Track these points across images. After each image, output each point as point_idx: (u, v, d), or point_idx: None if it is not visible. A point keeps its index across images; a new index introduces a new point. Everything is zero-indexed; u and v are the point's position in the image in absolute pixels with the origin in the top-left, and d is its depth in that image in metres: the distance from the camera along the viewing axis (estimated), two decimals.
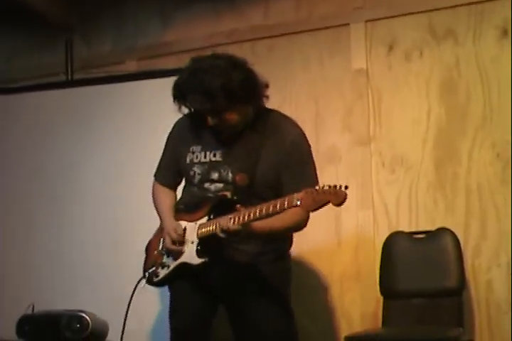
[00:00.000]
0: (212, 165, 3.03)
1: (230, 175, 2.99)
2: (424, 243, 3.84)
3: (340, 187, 2.57)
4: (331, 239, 4.16)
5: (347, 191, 2.57)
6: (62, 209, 4.48)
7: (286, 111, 4.19)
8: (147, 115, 4.42)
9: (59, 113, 4.63)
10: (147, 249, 3.23)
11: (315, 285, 4.16)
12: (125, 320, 3.09)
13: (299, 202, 2.60)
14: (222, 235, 2.81)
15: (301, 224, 3.02)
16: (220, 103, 2.86)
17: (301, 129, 3.07)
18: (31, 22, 5.00)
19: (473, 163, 3.92)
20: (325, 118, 4.26)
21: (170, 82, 4.47)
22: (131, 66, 4.81)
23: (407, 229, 3.95)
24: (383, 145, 4.12)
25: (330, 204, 2.58)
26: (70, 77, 4.80)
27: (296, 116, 3.16)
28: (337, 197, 2.56)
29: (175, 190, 3.28)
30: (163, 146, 4.10)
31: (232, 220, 2.77)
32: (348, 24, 4.24)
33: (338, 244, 4.15)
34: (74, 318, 3.90)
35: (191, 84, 2.88)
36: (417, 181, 4.03)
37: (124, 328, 3.11)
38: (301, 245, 4.18)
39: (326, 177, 4.18)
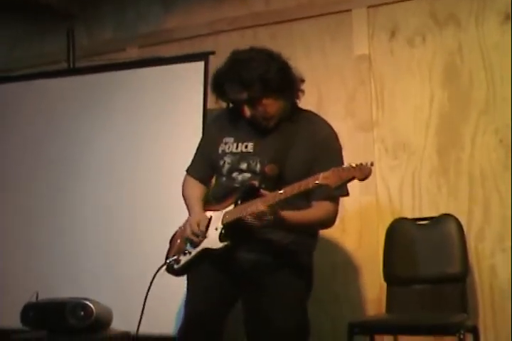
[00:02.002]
0: (243, 156, 3.07)
1: (259, 165, 3.03)
2: (427, 229, 3.84)
3: (366, 164, 2.68)
4: (334, 225, 4.15)
5: (372, 167, 2.67)
6: (64, 197, 4.49)
7: None
8: (149, 102, 4.42)
9: (61, 101, 4.63)
10: (172, 240, 3.23)
11: (318, 271, 4.15)
12: (143, 309, 3.08)
13: (323, 180, 2.69)
14: (248, 218, 2.82)
15: (330, 218, 3.07)
16: (256, 92, 2.93)
17: (333, 129, 3.14)
18: (33, 10, 5.00)
19: (476, 148, 3.91)
20: (327, 105, 4.24)
21: (171, 69, 4.50)
22: (133, 53, 4.81)
23: (410, 215, 3.95)
24: (386, 131, 4.12)
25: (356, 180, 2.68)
26: (71, 65, 4.80)
27: (299, 102, 3.15)
28: (362, 172, 2.67)
29: (206, 184, 3.30)
30: (165, 133, 4.12)
31: (258, 203, 2.81)
32: (350, 10, 4.23)
33: (342, 231, 4.15)
34: (78, 306, 3.91)
35: (229, 75, 2.96)
36: (420, 167, 4.02)
37: (141, 318, 3.10)
38: None
39: None
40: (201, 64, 4.28)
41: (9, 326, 4.20)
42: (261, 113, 3.00)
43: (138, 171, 4.35)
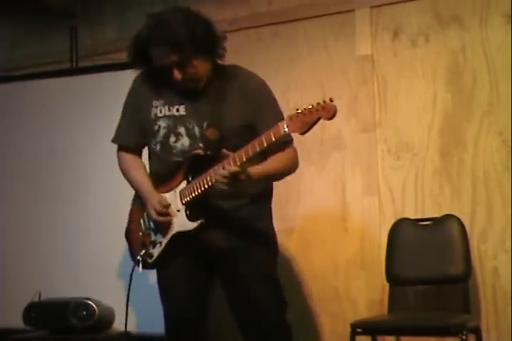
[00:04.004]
0: (178, 119, 2.97)
1: (197, 128, 2.94)
2: (430, 230, 3.83)
3: (325, 101, 2.53)
4: (336, 225, 4.15)
5: (334, 103, 2.52)
6: (67, 196, 4.49)
7: (291, 97, 4.23)
8: None
9: (63, 100, 4.62)
10: (128, 236, 3.14)
11: (320, 272, 4.17)
12: (126, 309, 3.08)
13: (286, 129, 2.56)
14: (221, 186, 2.71)
15: (295, 163, 3.00)
16: (186, 53, 2.82)
17: (261, 78, 3.04)
18: (36, 10, 4.99)
19: (480, 149, 3.90)
20: None
21: None
22: None
23: (412, 216, 3.95)
24: (389, 131, 4.11)
25: (321, 120, 2.54)
26: (74, 65, 4.80)
27: (301, 102, 3.14)
28: (327, 111, 2.51)
29: (140, 155, 3.16)
30: None
31: (227, 165, 2.69)
32: (353, 10, 4.22)
33: (344, 231, 4.15)
34: (80, 305, 3.92)
35: (154, 39, 2.84)
36: (422, 168, 4.02)
37: (126, 317, 3.11)
38: (307, 231, 4.20)
39: (331, 163, 4.20)
40: None
41: (12, 326, 4.20)
42: (191, 75, 2.89)
43: None
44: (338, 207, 4.16)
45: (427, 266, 3.75)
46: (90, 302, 3.92)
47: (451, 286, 3.67)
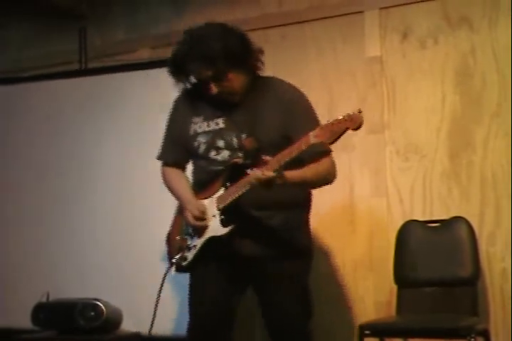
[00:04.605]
0: (217, 133, 3.04)
1: (235, 140, 3.00)
2: (438, 232, 3.82)
3: (353, 113, 2.66)
4: (344, 226, 4.15)
5: (361, 114, 2.65)
6: (74, 197, 4.50)
7: None
8: (160, 103, 4.41)
9: (72, 101, 4.64)
10: (168, 240, 3.20)
11: (329, 273, 4.16)
12: (155, 311, 3.08)
13: (316, 139, 2.68)
14: (255, 187, 2.78)
15: (331, 170, 3.08)
16: (221, 67, 2.89)
17: (299, 89, 3.12)
18: (44, 11, 5.00)
19: (489, 151, 3.89)
20: (338, 106, 4.23)
21: None
22: (145, 54, 4.80)
23: (421, 218, 3.94)
24: (397, 133, 4.10)
25: (349, 131, 2.68)
26: (83, 66, 4.81)
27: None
28: (353, 121, 2.65)
29: (184, 169, 3.24)
30: None
31: (263, 171, 2.76)
32: (362, 12, 4.21)
33: (352, 232, 4.15)
34: (88, 306, 3.93)
35: (191, 54, 2.91)
36: (431, 169, 4.01)
37: (153, 320, 3.10)
38: (315, 232, 4.19)
39: (340, 165, 4.13)
40: None
41: (20, 326, 4.21)
42: (227, 88, 2.97)
43: (149, 171, 4.33)
44: (346, 208, 4.15)
45: (435, 268, 3.74)
46: (98, 303, 3.93)
47: (460, 288, 3.66)
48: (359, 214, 4.15)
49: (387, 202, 4.08)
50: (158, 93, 4.44)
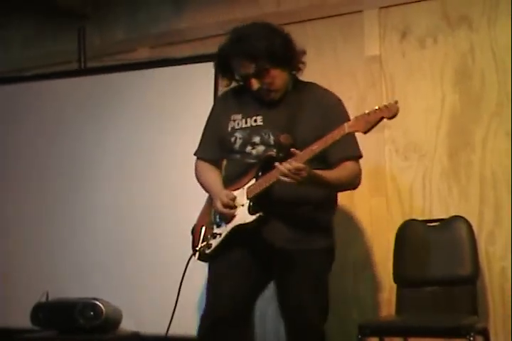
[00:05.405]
0: (254, 130, 3.11)
1: (272, 137, 3.07)
2: (438, 231, 3.82)
3: (390, 103, 2.75)
4: (344, 225, 4.14)
5: (397, 104, 2.73)
6: (74, 196, 4.50)
7: None
8: (160, 103, 4.42)
9: (72, 101, 4.64)
10: (193, 231, 3.22)
11: None
12: (176, 302, 3.11)
13: (351, 128, 2.77)
14: (284, 178, 2.81)
15: (357, 176, 3.15)
16: (264, 63, 2.99)
17: (339, 97, 3.20)
18: (44, 10, 5.01)
19: (488, 150, 3.89)
20: None
21: (182, 69, 4.50)
22: (144, 54, 4.81)
23: (420, 217, 3.94)
24: (397, 132, 4.10)
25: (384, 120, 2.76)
26: (82, 65, 4.81)
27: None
28: (389, 110, 2.74)
29: (218, 165, 3.31)
30: (175, 133, 4.09)
31: (292, 161, 2.81)
32: (361, 11, 4.22)
33: (352, 231, 4.14)
34: (88, 306, 3.93)
35: (235, 49, 3.03)
36: (430, 169, 4.01)
37: (173, 314, 3.13)
38: None
39: None
40: (212, 65, 4.26)
41: (19, 326, 4.21)
42: (268, 85, 3.06)
43: (149, 170, 4.36)
44: (346, 207, 4.15)
45: (435, 267, 3.74)
46: (98, 303, 3.93)
47: (459, 288, 3.66)
48: (359, 213, 4.15)
49: (387, 201, 4.08)
50: (157, 92, 4.45)
